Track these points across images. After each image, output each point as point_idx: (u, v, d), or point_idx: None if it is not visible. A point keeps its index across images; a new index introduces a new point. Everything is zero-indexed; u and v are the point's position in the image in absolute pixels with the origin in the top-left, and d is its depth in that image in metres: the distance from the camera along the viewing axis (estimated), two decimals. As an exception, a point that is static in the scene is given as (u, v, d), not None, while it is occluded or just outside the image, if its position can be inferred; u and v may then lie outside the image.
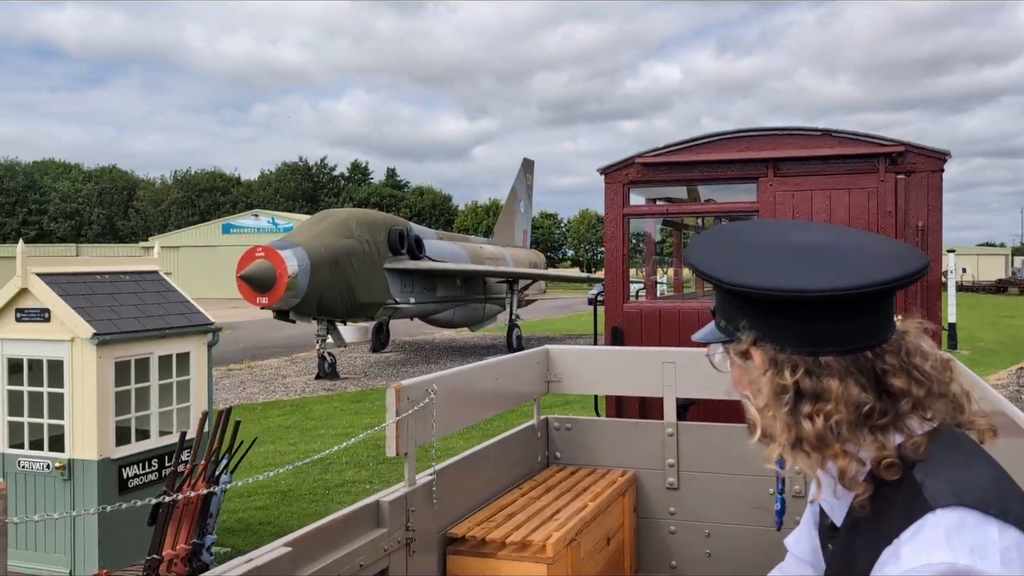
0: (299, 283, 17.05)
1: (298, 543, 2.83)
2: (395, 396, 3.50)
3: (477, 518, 4.13)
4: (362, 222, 19.47)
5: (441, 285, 22.30)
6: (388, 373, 20.03)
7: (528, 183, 30.31)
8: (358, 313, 19.23)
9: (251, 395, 16.91)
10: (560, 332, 32.27)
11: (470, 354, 24.16)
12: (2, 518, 2.25)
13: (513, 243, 29.18)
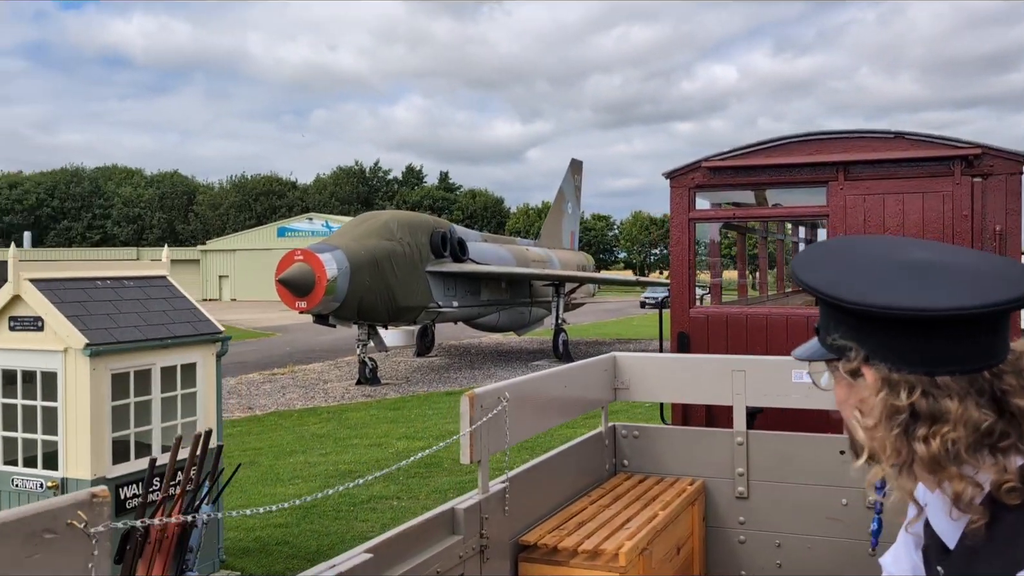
0: (338, 286, 16.71)
1: (379, 549, 2.89)
2: (469, 404, 3.52)
3: (548, 525, 4.15)
4: (403, 224, 19.08)
5: (485, 288, 21.81)
6: (430, 379, 19.60)
7: (576, 184, 29.65)
8: (399, 317, 18.83)
9: (290, 401, 16.61)
10: (610, 336, 31.54)
11: (515, 359, 23.63)
12: (107, 523, 2.27)
13: (560, 245, 28.55)
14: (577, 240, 29.96)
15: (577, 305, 27.79)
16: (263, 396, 17.29)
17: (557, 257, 26.74)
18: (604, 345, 28.07)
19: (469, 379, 19.35)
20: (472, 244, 22.00)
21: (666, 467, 5.05)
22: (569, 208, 29.14)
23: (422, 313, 19.40)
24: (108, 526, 2.26)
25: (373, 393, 17.47)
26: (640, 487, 4.84)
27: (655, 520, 4.21)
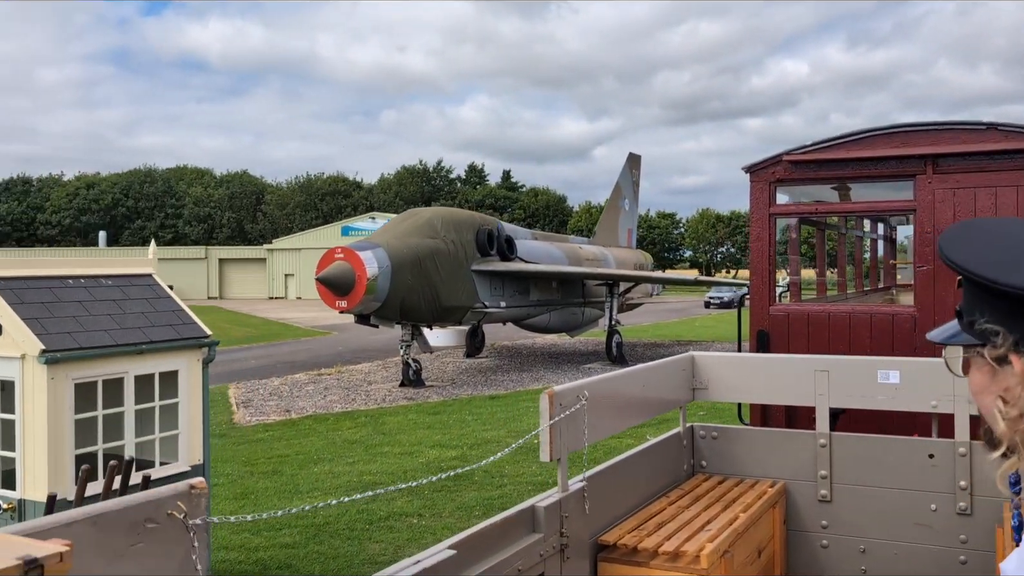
0: (379, 286, 16.14)
1: (462, 546, 2.91)
2: (548, 402, 3.50)
3: (627, 525, 4.14)
4: (447, 221, 18.42)
5: (535, 288, 21.03)
6: (476, 382, 18.91)
7: (634, 179, 28.62)
8: (444, 317, 18.19)
9: (330, 403, 16.11)
10: (669, 338, 30.43)
11: (566, 362, 22.80)
12: (204, 516, 2.29)
13: (617, 243, 27.57)
14: (635, 238, 28.94)
15: (634, 305, 26.80)
16: (304, 398, 16.83)
17: (612, 255, 25.79)
18: (662, 347, 27.02)
19: (516, 382, 18.61)
20: (521, 242, 21.25)
21: (746, 468, 5.01)
22: (626, 204, 28.13)
23: (468, 313, 18.72)
24: (206, 519, 2.29)
25: (415, 396, 16.86)
26: (719, 488, 4.81)
27: (736, 522, 4.17)
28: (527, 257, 20.93)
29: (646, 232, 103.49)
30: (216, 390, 18.16)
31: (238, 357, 25.75)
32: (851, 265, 14.54)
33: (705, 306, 55.30)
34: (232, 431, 13.55)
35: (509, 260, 19.96)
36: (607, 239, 27.01)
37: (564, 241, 24.48)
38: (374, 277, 16.03)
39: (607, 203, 28.28)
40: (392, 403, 16.09)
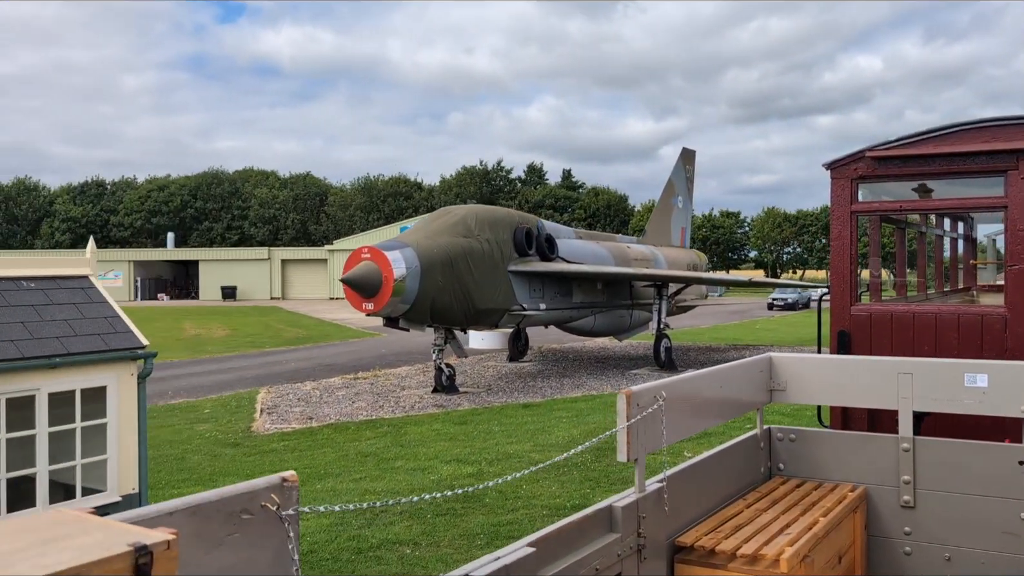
0: (407, 287, 15.36)
1: (541, 543, 3.00)
2: (626, 402, 3.53)
3: (704, 527, 4.13)
4: (482, 220, 17.54)
5: (578, 290, 20.02)
6: (513, 388, 18.01)
7: (688, 175, 27.35)
8: (478, 320, 17.33)
9: (356, 411, 15.40)
10: (725, 341, 29.06)
11: (613, 367, 21.73)
12: (296, 507, 2.36)
13: (669, 242, 26.34)
14: (688, 237, 27.64)
15: (686, 308, 25.57)
16: (332, 404, 16.17)
17: (663, 255, 24.59)
18: (717, 351, 25.72)
19: (555, 389, 17.66)
20: (563, 241, 20.26)
21: (825, 472, 4.95)
22: (679, 202, 26.87)
23: (504, 316, 17.83)
24: (297, 510, 2.36)
25: (446, 403, 16.05)
26: (798, 492, 4.76)
27: (816, 527, 4.12)
28: (569, 257, 19.94)
29: (709, 232, 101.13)
30: (246, 395, 17.64)
31: (280, 359, 25.35)
32: (930, 265, 13.77)
33: (768, 308, 53.42)
34: (247, 440, 12.92)
35: (549, 260, 19.01)
36: (658, 238, 25.80)
37: (611, 240, 23.39)
38: (401, 278, 15.26)
39: (658, 201, 27.06)
40: (420, 411, 15.29)
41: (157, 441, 12.89)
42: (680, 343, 28.47)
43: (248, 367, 23.35)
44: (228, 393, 18.02)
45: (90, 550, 1.55)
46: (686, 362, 22.73)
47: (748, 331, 34.86)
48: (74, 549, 1.56)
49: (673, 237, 26.56)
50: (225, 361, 25.26)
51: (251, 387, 18.96)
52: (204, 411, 15.71)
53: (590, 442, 3.88)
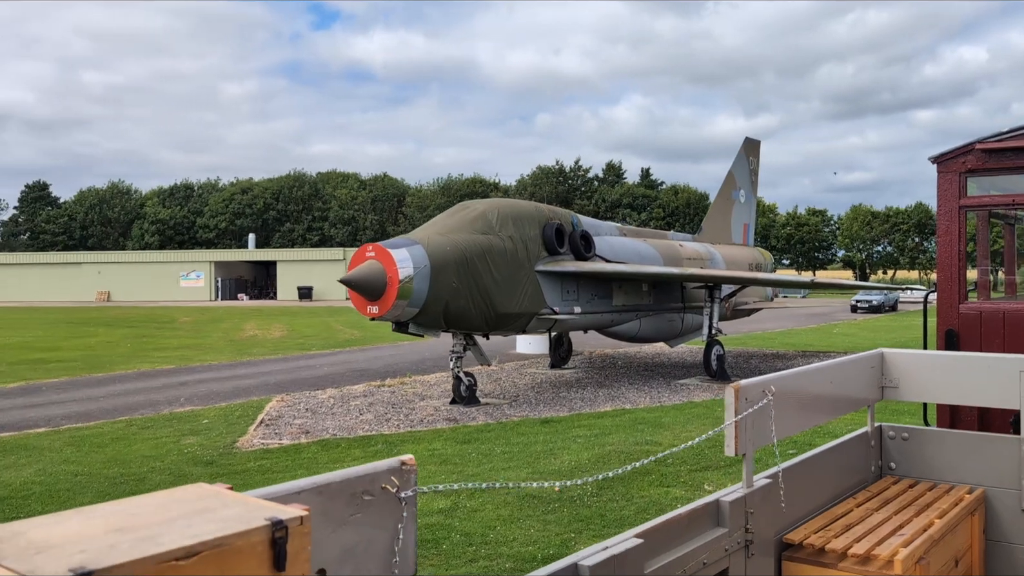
0: (415, 289, 13.96)
1: (648, 535, 3.05)
2: (734, 396, 3.57)
3: (813, 525, 4.13)
4: (506, 215, 16.00)
5: (620, 291, 18.30)
6: (541, 399, 16.43)
7: (751, 167, 25.19)
8: (501, 325, 15.81)
9: (358, 424, 14.10)
10: (794, 347, 26.78)
11: (660, 376, 19.89)
12: (414, 488, 2.44)
13: (729, 240, 24.27)
14: (752, 234, 25.47)
15: (748, 311, 23.49)
16: (338, 416, 14.92)
17: (721, 254, 22.58)
18: (784, 359, 23.55)
19: (586, 402, 16.01)
20: (602, 239, 18.56)
21: (939, 473, 4.87)
22: (741, 196, 24.74)
23: (532, 320, 16.26)
24: (415, 491, 2.45)
25: (460, 416, 14.59)
26: (911, 492, 4.70)
27: (931, 528, 4.05)
28: (610, 256, 18.24)
29: (794, 230, 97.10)
30: (255, 403, 16.58)
31: (317, 363, 24.38)
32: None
33: (852, 310, 50.28)
34: (224, 458, 11.73)
35: (585, 259, 17.35)
36: (716, 235, 23.75)
37: (661, 237, 21.52)
38: (408, 279, 13.87)
39: (717, 195, 24.99)
40: (428, 426, 13.87)
41: (130, 457, 11.83)
42: (744, 349, 26.36)
43: (278, 371, 22.42)
44: (240, 401, 16.99)
45: (231, 523, 1.70)
46: (746, 371, 20.72)
47: (823, 336, 32.35)
48: (216, 521, 1.71)
49: (734, 234, 24.48)
50: (260, 365, 24.42)
51: (269, 394, 17.92)
52: (202, 421, 14.66)
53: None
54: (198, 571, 1.58)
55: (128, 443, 12.87)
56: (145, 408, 16.31)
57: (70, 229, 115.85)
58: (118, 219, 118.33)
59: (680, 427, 13.05)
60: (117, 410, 16.11)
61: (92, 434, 13.61)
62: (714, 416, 13.94)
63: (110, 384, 20.30)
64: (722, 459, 10.68)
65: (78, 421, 15.02)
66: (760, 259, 24.63)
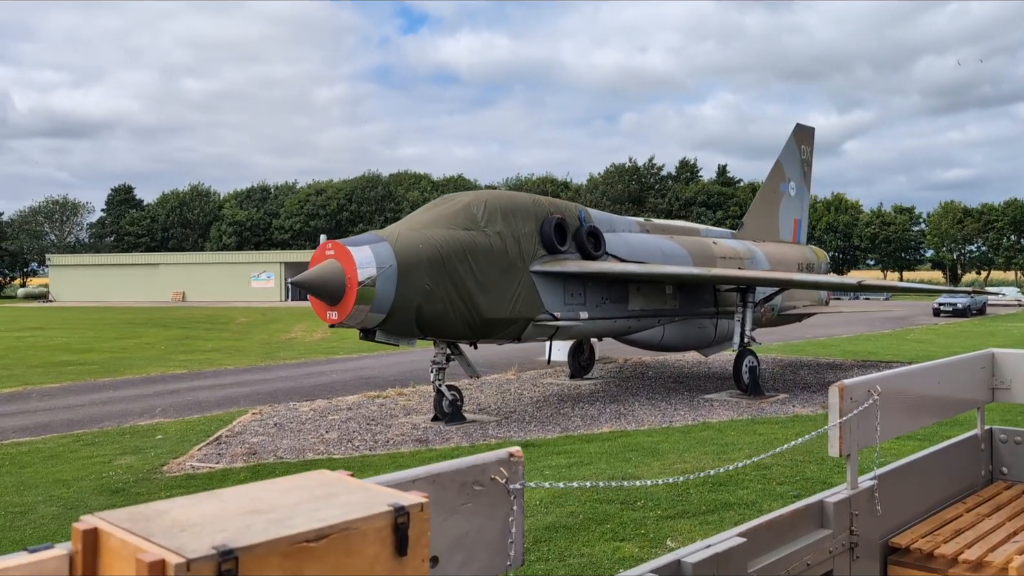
0: (379, 292, 12.28)
1: (752, 534, 3.05)
2: (839, 395, 3.54)
3: (920, 529, 4.07)
4: (494, 209, 14.15)
5: (638, 294, 16.28)
6: (537, 416, 14.56)
7: (803, 157, 22.68)
8: (490, 332, 14.00)
9: (317, 444, 12.54)
10: (853, 356, 24.12)
11: (692, 388, 17.74)
12: (522, 482, 2.51)
13: (775, 236, 21.82)
14: (804, 230, 22.92)
15: (798, 316, 21.05)
16: (304, 433, 13.39)
17: (765, 253, 20.22)
18: (836, 370, 21.04)
19: (587, 420, 14.08)
20: (616, 236, 16.54)
21: None
22: (791, 188, 22.25)
23: (528, 327, 14.40)
24: (523, 484, 2.53)
25: (434, 438, 12.87)
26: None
27: None
28: (625, 254, 16.23)
29: (878, 229, 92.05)
30: (228, 416, 15.19)
31: (332, 369, 23.01)
32: None
33: (934, 314, 46.52)
34: (138, 485, 10.27)
35: (594, 258, 15.40)
36: (761, 231, 21.34)
37: (692, 234, 19.32)
38: (369, 281, 12.19)
39: (761, 187, 22.52)
40: (391, 448, 12.19)
41: (39, 481, 10.50)
42: (797, 358, 23.88)
43: (286, 378, 21.11)
44: (216, 413, 15.65)
45: (355, 508, 1.79)
46: (791, 384, 18.40)
47: (894, 343, 29.42)
48: (342, 506, 1.80)
49: (782, 231, 22.01)
50: (274, 371, 23.19)
51: (255, 404, 16.55)
52: (155, 437, 13.32)
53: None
54: (326, 553, 1.68)
55: (57, 463, 11.58)
56: (113, 420, 15.11)
57: (152, 231, 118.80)
58: (197, 221, 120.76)
59: (676, 456, 11.03)
60: (81, 422, 14.94)
61: (26, 451, 12.39)
62: (723, 442, 11.85)
63: (105, 391, 19.29)
64: (705, 502, 8.68)
65: (33, 433, 13.88)
66: (812, 258, 22.11)
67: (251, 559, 1.60)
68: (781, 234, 21.96)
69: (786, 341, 29.87)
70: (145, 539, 1.64)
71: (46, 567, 1.69)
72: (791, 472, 9.86)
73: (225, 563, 1.57)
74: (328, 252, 12.54)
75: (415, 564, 1.81)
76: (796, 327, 33.90)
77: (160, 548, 1.59)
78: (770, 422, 13.45)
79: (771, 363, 22.65)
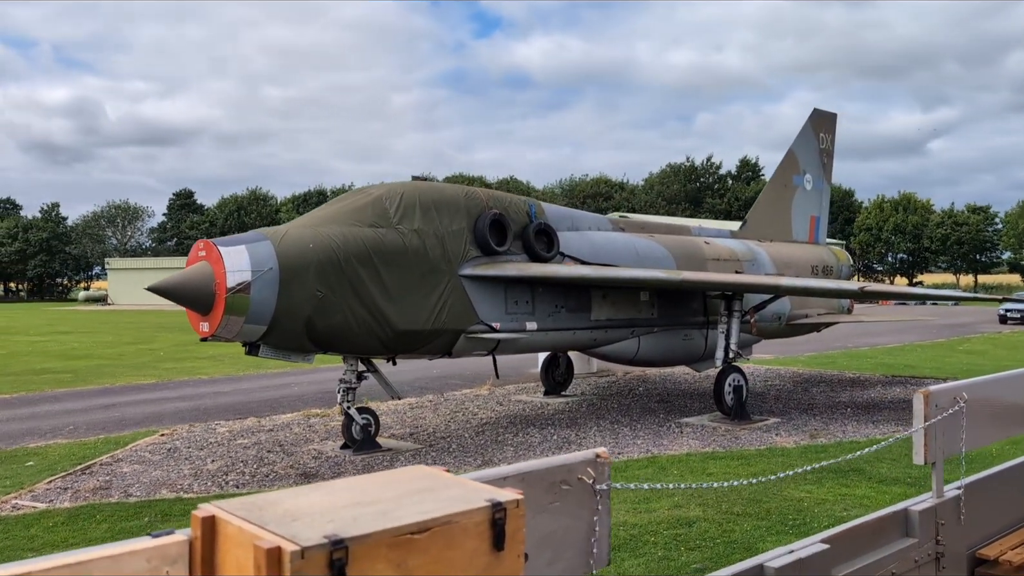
0: (254, 300, 10.40)
1: (835, 540, 3.03)
2: (923, 402, 3.50)
3: (1009, 541, 3.96)
4: (412, 202, 12.11)
5: (605, 302, 14.08)
6: (470, 446, 12.51)
7: (823, 146, 20.02)
8: (408, 347, 11.98)
9: (185, 478, 10.75)
10: (887, 371, 21.30)
11: (675, 410, 15.41)
12: (608, 483, 2.57)
13: (786, 235, 19.20)
14: (823, 229, 20.24)
15: (812, 327, 18.46)
16: (189, 462, 11.69)
17: (769, 253, 17.73)
18: (857, 386, 18.41)
19: (523, 450, 11.98)
20: (580, 235, 14.34)
21: None
22: (806, 181, 19.63)
23: (460, 340, 12.35)
24: (609, 485, 2.59)
25: (325, 471, 10.96)
26: None
27: None
28: (588, 256, 14.04)
29: (950, 230, 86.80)
30: (128, 438, 13.56)
31: (302, 380, 21.30)
32: None
33: (1001, 321, 42.68)
34: (-72, 529, 8.59)
35: (544, 260, 13.26)
36: (768, 230, 18.77)
37: (681, 232, 16.95)
38: (241, 286, 10.32)
39: (770, 180, 19.92)
40: (268, 484, 10.32)
41: None
42: (819, 371, 21.24)
43: (240, 391, 19.50)
44: (123, 433, 14.05)
45: (455, 502, 1.87)
46: (793, 405, 15.95)
47: (941, 355, 26.35)
48: (441, 500, 1.88)
49: (795, 229, 19.39)
50: (243, 381, 21.62)
51: (182, 422, 14.93)
52: (26, 464, 11.72)
53: None
54: (429, 545, 1.77)
55: None
56: (21, 438, 13.65)
57: (211, 235, 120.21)
58: (254, 224, 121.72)
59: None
60: (-29, 442, 13.48)
61: None
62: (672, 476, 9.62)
63: (49, 403, 17.92)
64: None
65: (-91, 456, 12.44)
66: (829, 260, 19.44)
67: (360, 548, 1.71)
68: (794, 233, 19.36)
69: (820, 351, 27.10)
70: (260, 527, 1.76)
71: (168, 551, 1.84)
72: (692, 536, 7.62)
73: (336, 552, 1.67)
74: (200, 253, 10.73)
75: (511, 559, 1.88)
76: (836, 336, 31.03)
77: (275, 536, 1.71)
78: (731, 458, 11.13)
79: (786, 378, 20.11)
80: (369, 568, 1.72)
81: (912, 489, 8.88)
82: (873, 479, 9.78)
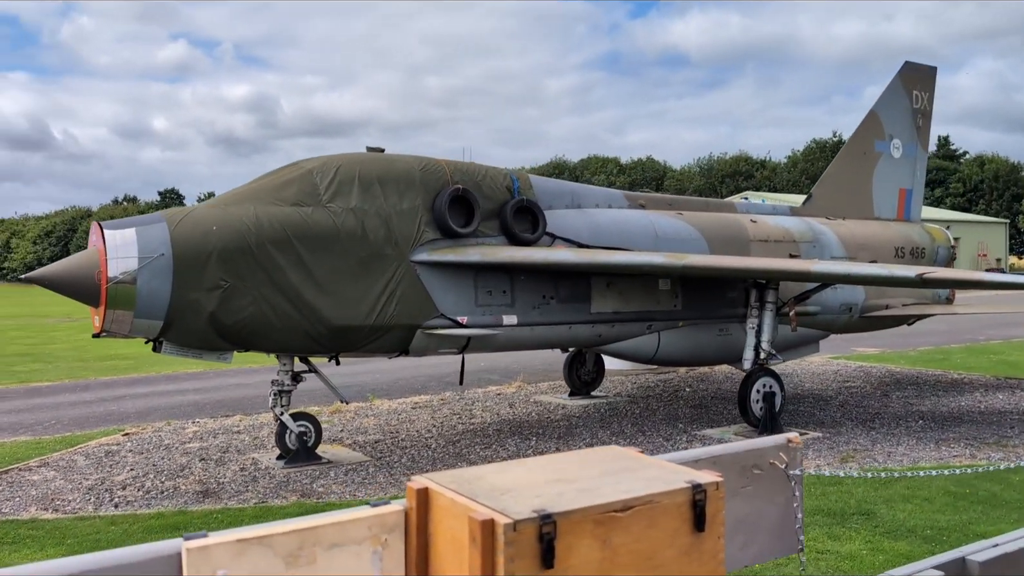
0: (142, 291, 9.01)
1: None
2: None
3: None
4: (349, 177, 10.33)
5: (609, 292, 11.91)
6: (430, 454, 10.75)
7: (917, 106, 16.72)
8: (350, 344, 10.29)
9: (79, 493, 9.57)
10: (1009, 371, 17.80)
11: (700, 419, 13.03)
12: (800, 468, 2.59)
13: (868, 212, 16.08)
14: (916, 204, 16.94)
15: (897, 320, 15.42)
16: (122, 470, 10.55)
17: (838, 234, 14.86)
18: (950, 391, 15.30)
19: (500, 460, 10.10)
20: (578, 212, 12.19)
21: None
22: (893, 147, 16.41)
23: (417, 337, 10.57)
24: (802, 470, 2.58)
25: (225, 491, 9.51)
26: None
27: None
28: (587, 238, 11.88)
29: None
30: (86, 436, 12.67)
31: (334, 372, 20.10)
32: None
33: None
34: None
35: (526, 243, 11.25)
36: (841, 206, 15.75)
37: (722, 209, 14.39)
38: (127, 277, 8.95)
39: (846, 145, 16.72)
40: (158, 504, 8.97)
41: None
42: (919, 371, 18.06)
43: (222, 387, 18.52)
44: (91, 431, 13.19)
45: (655, 482, 1.96)
46: (856, 414, 13.25)
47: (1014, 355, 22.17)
48: (642, 480, 1.98)
49: (877, 205, 16.26)
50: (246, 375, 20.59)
51: (164, 419, 13.99)
52: (-46, 466, 10.95)
53: None
54: (632, 523, 1.88)
55: None
56: None
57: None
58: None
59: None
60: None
61: None
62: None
63: (35, 397, 17.38)
64: None
65: None
66: (921, 241, 16.20)
67: (567, 523, 1.87)
68: (877, 209, 16.24)
69: (940, 345, 23.53)
70: (471, 499, 1.98)
71: (387, 520, 2.12)
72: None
73: (545, 526, 1.83)
74: (92, 238, 9.47)
75: (712, 541, 1.96)
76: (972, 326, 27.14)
77: (487, 508, 1.91)
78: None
79: (872, 378, 17.11)
80: (576, 543, 1.88)
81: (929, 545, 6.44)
82: (877, 530, 7.31)
